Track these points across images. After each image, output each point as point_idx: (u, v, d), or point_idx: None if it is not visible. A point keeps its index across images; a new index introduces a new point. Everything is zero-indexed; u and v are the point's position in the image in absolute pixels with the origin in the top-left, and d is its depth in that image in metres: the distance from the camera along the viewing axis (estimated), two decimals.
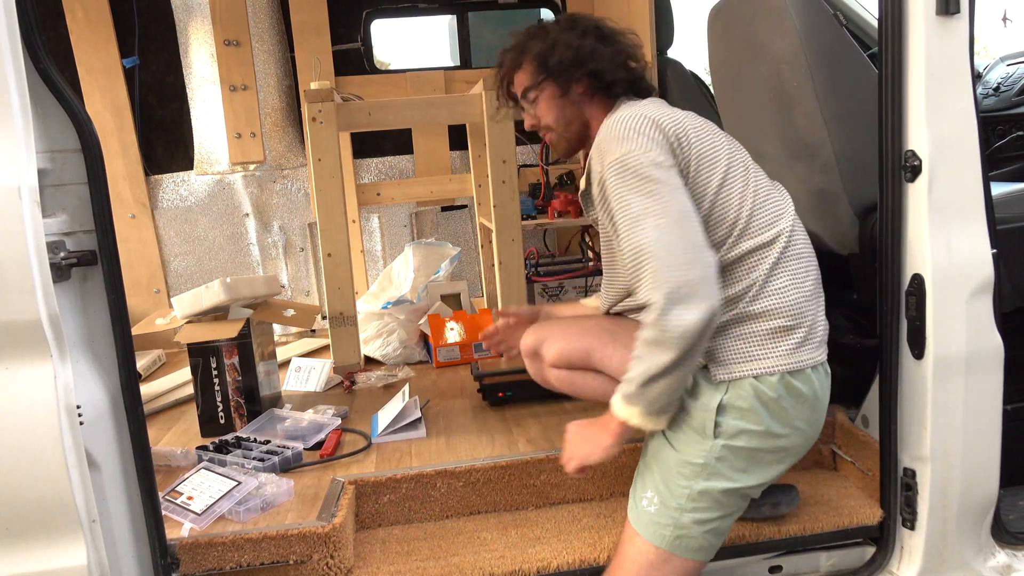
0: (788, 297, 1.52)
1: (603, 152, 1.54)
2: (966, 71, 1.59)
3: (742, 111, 2.26)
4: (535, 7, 3.87)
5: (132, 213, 3.49)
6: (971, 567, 1.76)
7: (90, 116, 1.37)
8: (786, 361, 1.49)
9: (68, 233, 1.36)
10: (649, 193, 1.45)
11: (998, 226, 1.67)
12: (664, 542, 1.50)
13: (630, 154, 1.48)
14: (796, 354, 1.50)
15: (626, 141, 1.50)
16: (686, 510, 1.50)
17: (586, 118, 1.71)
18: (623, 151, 1.49)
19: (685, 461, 1.51)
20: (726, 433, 1.49)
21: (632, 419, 1.46)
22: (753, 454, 1.50)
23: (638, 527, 1.53)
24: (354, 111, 2.89)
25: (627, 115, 1.55)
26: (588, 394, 1.89)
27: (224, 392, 2.31)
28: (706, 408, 1.50)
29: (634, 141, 1.50)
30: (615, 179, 1.49)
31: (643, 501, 1.55)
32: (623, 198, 1.47)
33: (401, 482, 1.91)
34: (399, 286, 3.32)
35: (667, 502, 1.51)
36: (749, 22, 2.04)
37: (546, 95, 1.69)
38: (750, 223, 1.54)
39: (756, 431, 1.49)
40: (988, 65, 3.63)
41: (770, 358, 1.49)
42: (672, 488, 1.51)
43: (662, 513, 1.51)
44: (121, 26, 3.39)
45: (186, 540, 1.63)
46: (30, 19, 1.28)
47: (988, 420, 1.68)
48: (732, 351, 1.51)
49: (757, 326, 1.51)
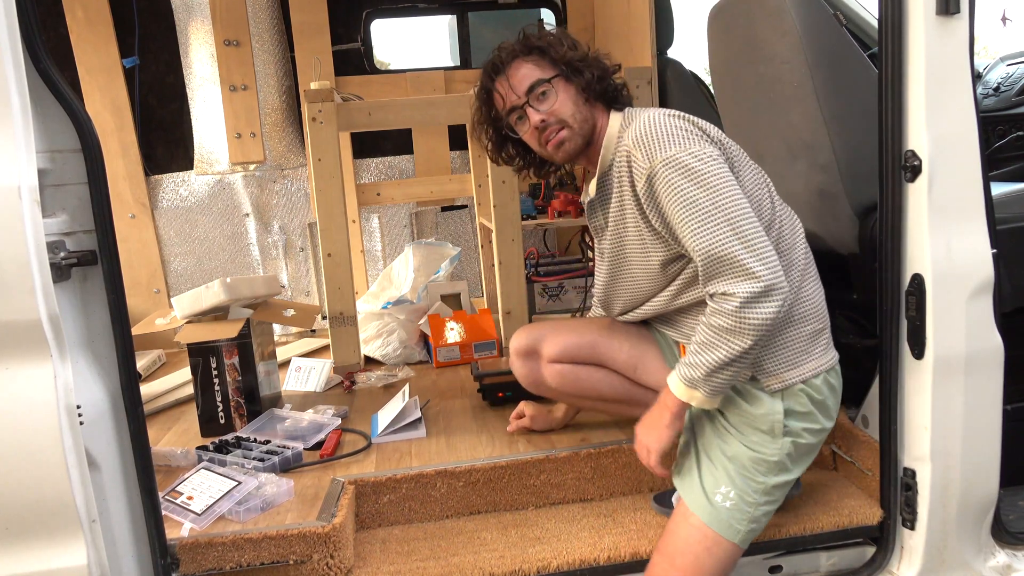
0: (816, 299, 1.65)
1: (650, 151, 1.53)
2: (966, 71, 1.59)
3: (742, 111, 2.26)
4: (535, 7, 3.88)
5: (132, 213, 3.49)
6: (971, 567, 1.76)
7: (90, 116, 1.37)
8: (825, 361, 1.63)
9: (68, 233, 1.36)
10: (715, 188, 1.48)
11: (998, 226, 1.67)
12: (738, 536, 1.58)
13: (687, 151, 1.50)
14: (828, 352, 1.65)
15: (677, 139, 1.52)
16: (760, 504, 1.60)
17: (595, 119, 1.69)
18: (677, 148, 1.50)
19: (761, 459, 1.60)
20: (792, 432, 1.61)
21: (693, 400, 1.54)
22: (810, 448, 1.64)
23: (712, 523, 1.58)
24: (354, 111, 2.89)
25: (661, 116, 1.57)
26: (590, 389, 1.90)
27: (224, 392, 2.31)
28: (774, 413, 1.60)
29: (686, 139, 1.52)
30: (675, 175, 1.50)
31: (717, 497, 1.59)
32: (686, 194, 1.49)
33: (401, 482, 1.91)
34: (399, 286, 3.31)
35: (744, 496, 1.59)
36: (749, 22, 2.04)
37: (561, 88, 1.67)
38: (781, 228, 1.62)
39: (815, 428, 1.63)
40: (988, 65, 3.63)
41: (812, 361, 1.62)
42: (749, 484, 1.59)
43: (738, 508, 1.58)
44: (121, 26, 3.38)
45: (186, 540, 1.63)
46: (30, 19, 1.28)
47: (988, 420, 1.68)
48: (780, 360, 1.60)
49: (797, 332, 1.61)
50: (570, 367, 1.90)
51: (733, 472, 1.60)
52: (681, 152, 1.50)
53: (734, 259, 1.45)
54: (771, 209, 1.62)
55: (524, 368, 1.96)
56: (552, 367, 1.91)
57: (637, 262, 1.72)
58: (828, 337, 1.66)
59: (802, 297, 1.62)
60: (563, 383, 1.92)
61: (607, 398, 1.94)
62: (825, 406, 1.63)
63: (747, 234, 1.46)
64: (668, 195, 1.51)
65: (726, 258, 1.45)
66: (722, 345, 1.47)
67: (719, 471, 1.62)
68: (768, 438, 1.60)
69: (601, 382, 1.92)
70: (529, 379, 1.97)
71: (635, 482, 2.00)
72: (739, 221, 1.47)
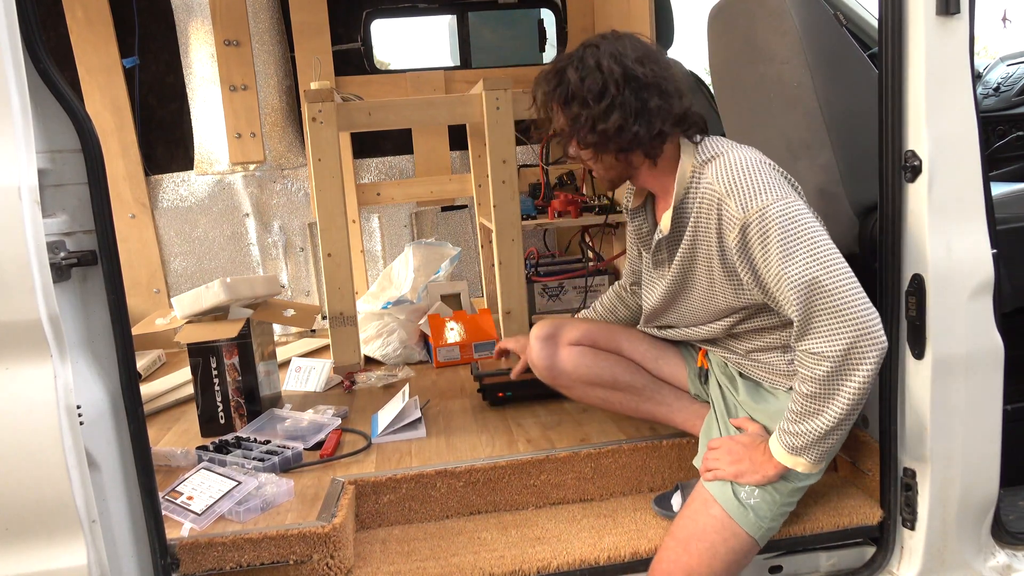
0: None
1: (745, 201, 1.50)
2: (966, 71, 1.59)
3: (742, 111, 2.26)
4: (535, 7, 3.88)
5: (132, 213, 3.49)
6: (971, 567, 1.76)
7: (90, 116, 1.37)
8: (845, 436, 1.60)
9: (68, 233, 1.36)
10: (814, 243, 1.47)
11: (998, 226, 1.67)
12: (759, 532, 1.62)
13: (781, 201, 1.48)
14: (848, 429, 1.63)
15: (768, 190, 1.50)
16: (782, 504, 1.63)
17: (627, 166, 1.67)
18: (770, 199, 1.49)
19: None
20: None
21: (799, 467, 1.57)
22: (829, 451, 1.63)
23: (735, 514, 1.61)
24: (354, 111, 2.88)
25: (744, 161, 1.55)
26: (607, 373, 1.89)
27: (224, 392, 2.31)
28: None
29: (777, 190, 1.50)
30: (773, 226, 1.47)
31: (742, 494, 1.62)
32: (787, 247, 1.46)
33: (401, 482, 1.91)
34: (399, 286, 3.31)
35: (770, 497, 1.62)
36: (749, 22, 2.04)
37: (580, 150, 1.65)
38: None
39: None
40: (988, 65, 3.63)
41: None
42: (776, 486, 1.62)
43: (763, 507, 1.61)
44: (121, 26, 3.38)
45: (186, 540, 1.63)
46: (30, 19, 1.28)
47: (988, 420, 1.68)
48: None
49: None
50: (589, 349, 1.90)
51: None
52: (775, 203, 1.48)
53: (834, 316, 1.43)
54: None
55: (543, 351, 1.92)
56: (570, 348, 1.90)
57: (699, 300, 1.73)
58: None
59: None
60: (579, 364, 1.89)
61: (621, 385, 1.91)
62: None
63: (847, 291, 1.44)
64: (770, 246, 1.48)
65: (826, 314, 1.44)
66: (824, 410, 1.48)
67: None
68: None
69: (618, 365, 1.90)
70: (546, 362, 1.92)
71: (635, 482, 2.00)
72: (842, 277, 1.45)
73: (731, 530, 1.60)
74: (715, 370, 1.90)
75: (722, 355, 1.86)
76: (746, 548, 1.62)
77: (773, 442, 1.60)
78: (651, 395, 1.93)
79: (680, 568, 1.60)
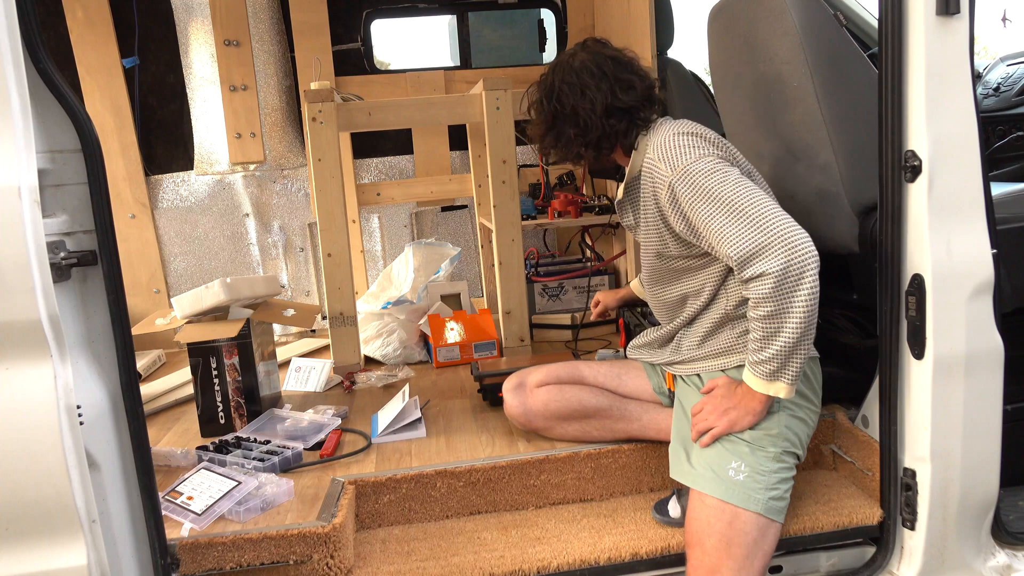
0: None
1: (670, 162, 1.69)
2: (966, 71, 1.59)
3: (742, 111, 2.26)
4: (535, 7, 3.88)
5: (132, 213, 3.49)
6: (971, 567, 1.76)
7: (90, 116, 1.37)
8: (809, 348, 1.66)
9: (68, 233, 1.36)
10: (732, 183, 1.61)
11: (998, 226, 1.67)
12: (759, 505, 1.62)
13: (701, 160, 1.66)
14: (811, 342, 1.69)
15: (690, 152, 1.68)
16: (774, 471, 1.66)
17: (605, 151, 1.85)
18: (691, 159, 1.66)
19: (765, 434, 1.68)
20: (786, 408, 1.71)
21: (780, 393, 1.62)
22: (804, 420, 1.74)
23: (727, 496, 1.62)
24: (354, 111, 2.89)
25: (672, 134, 1.73)
26: (576, 403, 2.00)
27: (224, 392, 2.31)
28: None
29: (697, 151, 1.68)
30: (695, 178, 1.64)
31: (730, 472, 1.65)
32: (710, 192, 1.61)
33: (401, 482, 1.91)
34: (399, 286, 3.32)
35: (757, 467, 1.65)
36: (749, 22, 2.04)
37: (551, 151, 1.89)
38: None
39: (803, 405, 1.74)
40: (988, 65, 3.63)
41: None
42: (758, 454, 1.66)
43: (753, 478, 1.64)
44: (121, 26, 3.38)
45: (186, 540, 1.63)
46: (30, 19, 1.28)
47: (988, 420, 1.68)
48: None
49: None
50: (555, 386, 2.03)
51: (742, 448, 1.67)
52: (695, 161, 1.66)
53: (761, 244, 1.53)
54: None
55: (514, 400, 2.07)
56: (537, 390, 2.04)
57: (657, 256, 1.89)
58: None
59: None
60: (548, 400, 2.01)
61: (590, 411, 2.00)
62: (809, 382, 1.77)
63: (771, 217, 1.55)
64: (693, 197, 1.64)
65: (755, 244, 1.53)
66: (780, 330, 1.54)
67: (725, 450, 1.67)
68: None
69: (582, 392, 2.01)
70: (519, 409, 2.06)
71: (635, 482, 2.00)
72: (763, 206, 1.57)
73: (731, 512, 1.61)
74: (679, 383, 1.93)
75: (684, 366, 1.90)
76: (757, 527, 1.61)
77: (748, 378, 1.65)
78: (620, 414, 2.00)
79: (706, 569, 1.59)
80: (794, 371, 1.59)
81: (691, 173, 1.64)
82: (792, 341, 1.55)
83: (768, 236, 1.52)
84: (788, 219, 1.55)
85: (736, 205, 1.58)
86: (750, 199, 1.58)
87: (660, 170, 1.71)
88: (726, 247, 1.57)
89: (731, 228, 1.57)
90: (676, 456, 1.77)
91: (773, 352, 1.57)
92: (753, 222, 1.55)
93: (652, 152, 1.75)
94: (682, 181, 1.65)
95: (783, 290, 1.51)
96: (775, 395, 1.62)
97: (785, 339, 1.55)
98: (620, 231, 3.37)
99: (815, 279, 1.51)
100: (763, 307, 1.54)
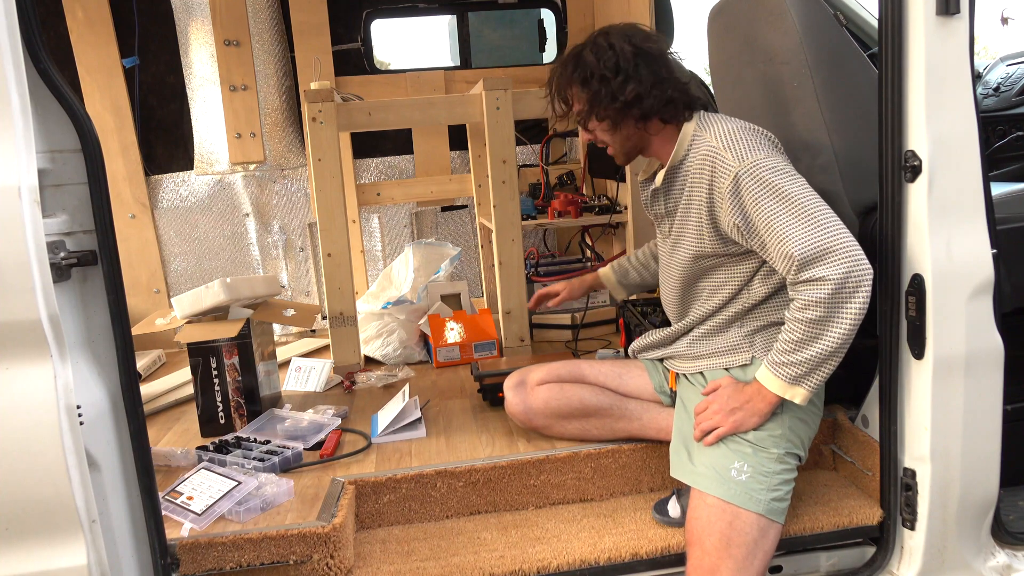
0: None
1: (739, 152, 1.65)
2: (966, 71, 1.59)
3: (742, 111, 2.26)
4: (535, 7, 3.88)
5: (132, 213, 3.49)
6: (971, 567, 1.76)
7: (90, 116, 1.37)
8: (837, 364, 1.65)
9: (68, 233, 1.36)
10: (802, 187, 1.61)
11: (998, 226, 1.67)
12: (760, 505, 1.62)
13: (771, 158, 1.64)
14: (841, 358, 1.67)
15: (760, 148, 1.66)
16: (776, 472, 1.65)
17: (644, 134, 1.81)
18: (762, 155, 1.64)
19: (768, 435, 1.68)
20: (790, 410, 1.69)
21: (796, 398, 1.61)
22: (807, 422, 1.74)
23: (729, 496, 1.62)
24: (354, 111, 2.89)
25: (739, 126, 1.72)
26: (576, 401, 1.99)
27: (224, 392, 2.31)
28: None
29: (767, 151, 1.66)
30: (764, 175, 1.61)
31: (732, 472, 1.65)
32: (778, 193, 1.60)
33: (401, 482, 1.91)
34: (399, 286, 3.32)
35: (759, 467, 1.65)
36: (749, 22, 2.04)
37: (598, 124, 1.79)
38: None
39: (807, 407, 1.70)
40: (988, 65, 3.63)
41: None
42: (761, 454, 1.66)
43: (755, 479, 1.64)
44: (121, 26, 3.38)
45: (186, 540, 1.63)
46: (30, 19, 1.28)
47: (988, 420, 1.68)
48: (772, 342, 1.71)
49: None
50: (556, 384, 2.02)
51: (745, 448, 1.66)
52: (764, 159, 1.64)
53: (827, 248, 1.52)
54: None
55: (515, 397, 2.06)
56: (538, 387, 2.03)
57: (689, 251, 1.83)
58: None
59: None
60: (549, 398, 2.00)
61: (591, 409, 1.99)
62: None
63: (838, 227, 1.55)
64: (761, 192, 1.61)
65: (819, 248, 1.53)
66: (820, 335, 1.54)
67: (728, 450, 1.67)
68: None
69: (583, 390, 2.01)
70: (520, 407, 2.04)
71: (635, 482, 2.01)
72: (824, 214, 1.57)
73: (732, 512, 1.61)
74: (682, 382, 1.93)
75: (687, 363, 1.90)
76: (758, 527, 1.61)
77: (765, 378, 1.64)
78: (620, 413, 2.00)
79: (705, 569, 1.59)
80: (818, 380, 1.59)
81: (761, 167, 1.62)
82: (828, 350, 1.55)
83: (834, 242, 1.52)
84: (849, 232, 1.55)
85: (805, 206, 1.57)
86: (817, 203, 1.58)
87: (725, 158, 1.67)
88: (788, 246, 1.56)
89: (797, 228, 1.55)
90: (677, 455, 1.77)
91: (806, 357, 1.57)
92: (820, 226, 1.55)
93: (716, 140, 1.70)
94: (749, 174, 1.62)
95: (838, 299, 1.51)
96: (791, 399, 1.62)
97: (823, 347, 1.55)
98: (620, 231, 3.37)
99: (867, 296, 1.52)
100: (812, 311, 1.53)
